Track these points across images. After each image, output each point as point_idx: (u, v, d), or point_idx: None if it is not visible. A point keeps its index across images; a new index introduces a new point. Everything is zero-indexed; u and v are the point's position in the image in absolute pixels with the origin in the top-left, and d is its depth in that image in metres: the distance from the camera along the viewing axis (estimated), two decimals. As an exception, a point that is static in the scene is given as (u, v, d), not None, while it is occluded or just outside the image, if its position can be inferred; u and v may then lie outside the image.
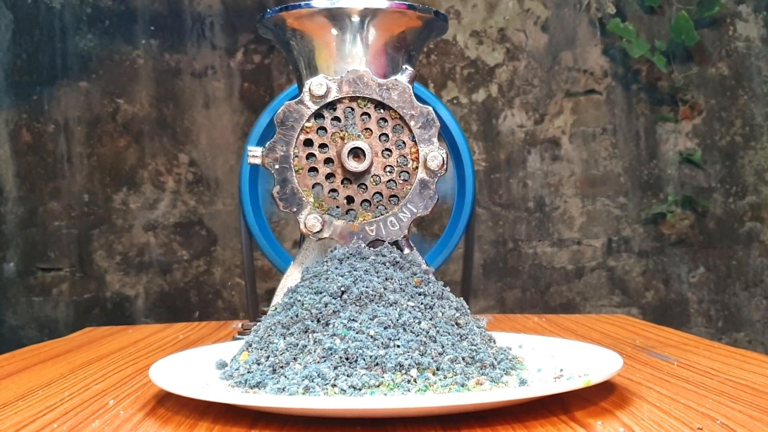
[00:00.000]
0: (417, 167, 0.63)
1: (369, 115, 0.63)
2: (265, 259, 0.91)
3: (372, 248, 0.60)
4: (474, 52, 2.02)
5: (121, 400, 0.53)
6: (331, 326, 0.51)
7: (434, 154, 0.63)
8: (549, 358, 0.57)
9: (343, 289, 0.54)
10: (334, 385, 0.47)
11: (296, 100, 0.63)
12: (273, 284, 1.91)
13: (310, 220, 0.63)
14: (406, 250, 0.64)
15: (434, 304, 0.55)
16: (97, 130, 1.98)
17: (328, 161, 0.64)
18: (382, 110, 0.63)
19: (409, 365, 0.48)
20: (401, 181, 0.64)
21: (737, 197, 2.04)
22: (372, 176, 0.64)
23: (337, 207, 0.64)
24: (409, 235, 0.65)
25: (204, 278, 1.98)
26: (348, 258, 0.59)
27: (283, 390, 0.47)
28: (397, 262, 0.59)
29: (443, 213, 1.90)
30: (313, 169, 0.64)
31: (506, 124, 2.02)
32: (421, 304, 0.54)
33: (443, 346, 0.51)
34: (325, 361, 0.49)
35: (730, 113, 2.05)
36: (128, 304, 1.98)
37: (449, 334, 0.52)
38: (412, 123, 0.63)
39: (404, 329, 0.51)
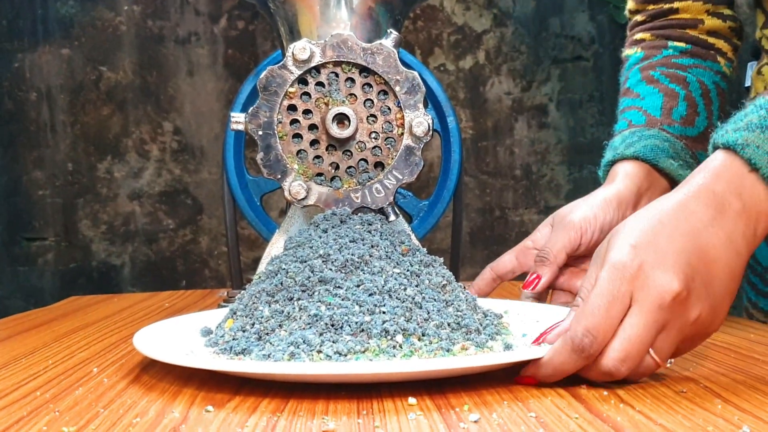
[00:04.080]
0: (402, 133, 0.63)
1: (353, 81, 0.62)
2: (252, 227, 0.91)
3: (357, 215, 0.60)
4: (461, 18, 2.00)
5: (105, 368, 0.53)
6: (316, 293, 0.51)
7: (420, 120, 0.62)
8: (534, 324, 0.57)
9: (327, 256, 0.53)
10: (319, 351, 0.47)
11: (279, 64, 0.62)
12: (260, 253, 1.91)
13: (294, 187, 0.62)
14: (392, 217, 0.63)
15: (421, 272, 0.55)
16: (80, 98, 1.95)
17: (312, 127, 0.63)
18: (366, 75, 0.62)
19: (395, 331, 0.48)
20: (386, 148, 0.63)
21: (723, 164, 2.04)
22: (357, 143, 0.63)
23: (322, 174, 0.63)
24: (394, 202, 0.65)
25: (190, 247, 1.97)
26: (332, 225, 0.58)
27: (269, 356, 0.47)
28: (383, 229, 0.58)
29: (430, 181, 1.89)
30: (298, 136, 0.63)
31: (493, 91, 2.01)
32: (407, 271, 0.54)
33: (429, 312, 0.51)
34: (310, 327, 0.49)
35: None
36: (114, 273, 1.97)
37: (435, 300, 0.52)
38: (397, 88, 0.62)
39: (390, 296, 0.51)
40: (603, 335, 0.41)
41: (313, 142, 0.63)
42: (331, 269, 0.53)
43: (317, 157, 0.63)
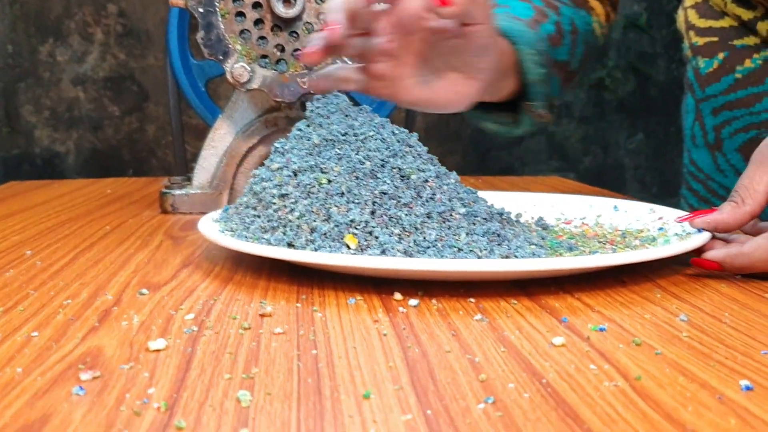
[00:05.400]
0: (352, 15, 0.60)
1: (301, -44, 0.59)
2: (197, 115, 0.87)
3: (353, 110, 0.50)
4: None
5: (39, 251, 0.51)
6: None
7: (370, 1, 0.59)
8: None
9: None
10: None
11: (222, -64, 0.58)
12: (210, 143, 1.87)
13: (237, 69, 0.60)
14: (340, 104, 0.61)
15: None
16: (18, -25, 1.84)
17: (256, 6, 0.60)
18: (315, -49, 0.59)
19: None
20: (335, 30, 0.60)
21: (681, 63, 2.04)
22: (304, 23, 0.60)
23: (267, 56, 0.60)
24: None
25: (137, 136, 1.92)
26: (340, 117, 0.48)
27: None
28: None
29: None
30: (241, 14, 0.60)
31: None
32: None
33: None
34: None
35: (679, -23, 2.01)
36: (58, 160, 1.92)
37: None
38: (347, -34, 0.59)
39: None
40: None
41: (257, 22, 0.60)
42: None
43: (261, 38, 0.60)
